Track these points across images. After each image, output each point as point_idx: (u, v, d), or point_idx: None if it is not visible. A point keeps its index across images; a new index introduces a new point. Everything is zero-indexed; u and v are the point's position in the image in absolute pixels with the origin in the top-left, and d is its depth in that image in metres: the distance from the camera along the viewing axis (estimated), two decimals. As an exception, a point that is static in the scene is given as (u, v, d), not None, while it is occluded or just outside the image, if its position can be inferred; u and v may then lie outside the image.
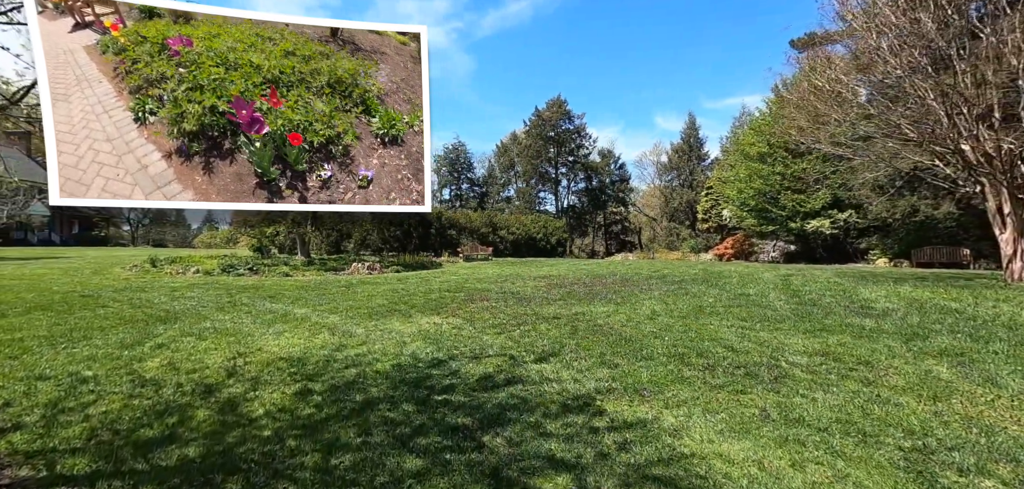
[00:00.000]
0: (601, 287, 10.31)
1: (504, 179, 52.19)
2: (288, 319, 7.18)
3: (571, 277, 12.84)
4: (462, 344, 5.46)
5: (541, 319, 6.86)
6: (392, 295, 9.69)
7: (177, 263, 17.56)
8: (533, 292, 9.72)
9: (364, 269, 16.22)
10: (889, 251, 22.25)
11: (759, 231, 26.22)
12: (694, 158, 47.20)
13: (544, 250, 31.54)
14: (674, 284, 10.54)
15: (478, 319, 6.92)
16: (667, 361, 4.70)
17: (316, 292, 10.32)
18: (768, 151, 25.27)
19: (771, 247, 33.39)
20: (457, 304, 8.34)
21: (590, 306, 7.90)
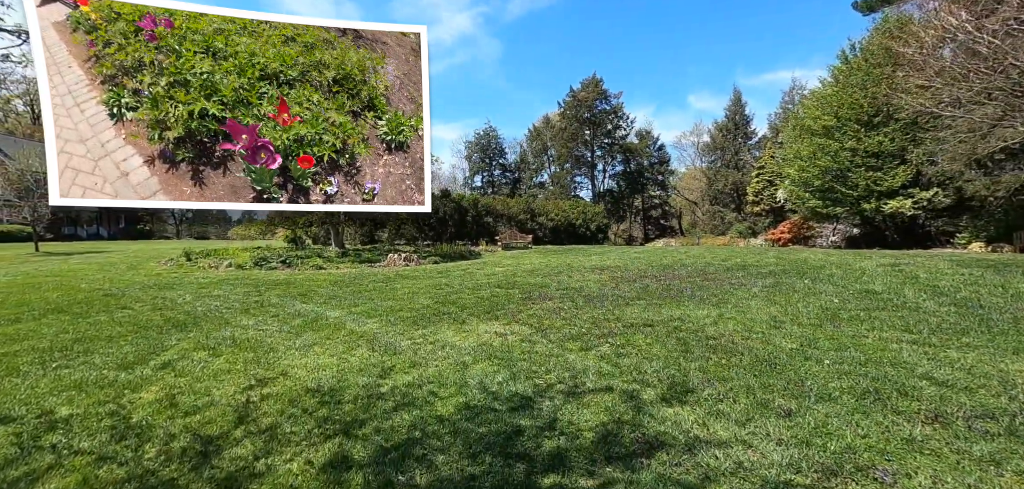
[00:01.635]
0: (678, 281, 8.75)
1: (537, 164, 50.54)
2: (319, 325, 5.99)
3: (632, 268, 11.30)
4: (542, 367, 4.09)
5: (630, 327, 5.42)
6: (436, 292, 8.43)
7: (212, 256, 17.00)
8: (599, 289, 8.27)
9: (400, 261, 15.12)
10: (982, 233, 19.60)
11: (824, 213, 23.76)
12: (740, 136, 44.22)
13: (584, 237, 29.91)
14: (764, 277, 8.88)
15: (550, 327, 5.54)
16: (857, 403, 3.20)
17: (351, 289, 9.18)
18: (836, 124, 22.76)
19: (831, 231, 30.80)
20: (515, 305, 6.99)
21: (681, 308, 6.40)
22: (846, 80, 22.95)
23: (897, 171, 20.57)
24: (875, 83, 21.63)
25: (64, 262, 16.10)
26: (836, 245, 28.65)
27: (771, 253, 15.62)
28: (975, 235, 20.04)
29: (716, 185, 43.60)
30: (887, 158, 21.17)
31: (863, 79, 22.12)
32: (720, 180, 43.22)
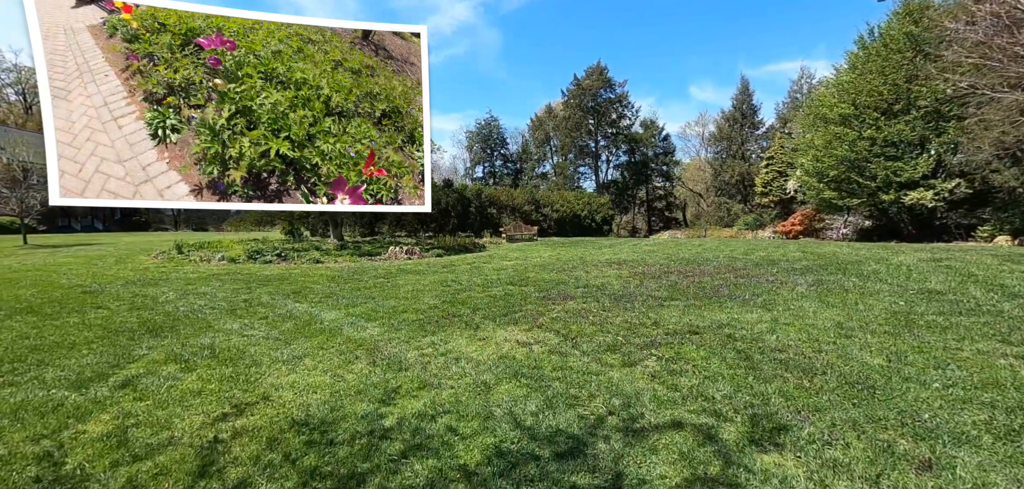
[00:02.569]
0: (707, 277, 7.99)
1: (539, 155, 49.59)
2: (313, 330, 5.23)
3: (652, 263, 10.53)
4: (583, 390, 3.34)
5: (674, 334, 4.66)
6: (442, 290, 7.67)
7: (205, 249, 16.25)
8: (624, 286, 7.50)
9: (402, 254, 14.34)
10: (1006, 226, 18.83)
11: (839, 204, 22.95)
12: (747, 127, 43.30)
13: (589, 229, 29.11)
14: (801, 273, 8.12)
15: (580, 334, 4.78)
16: (1007, 447, 2.45)
17: (350, 285, 8.42)
18: (854, 112, 21.90)
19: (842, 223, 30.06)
20: (534, 306, 6.22)
21: (725, 310, 5.63)
22: (864, 67, 22.07)
23: (918, 161, 19.74)
24: (895, 69, 20.78)
25: (51, 255, 15.39)
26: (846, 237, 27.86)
27: (791, 246, 14.86)
28: (998, 228, 19.26)
29: (722, 176, 42.71)
30: (907, 148, 20.35)
31: (882, 65, 21.25)
32: (727, 171, 42.32)
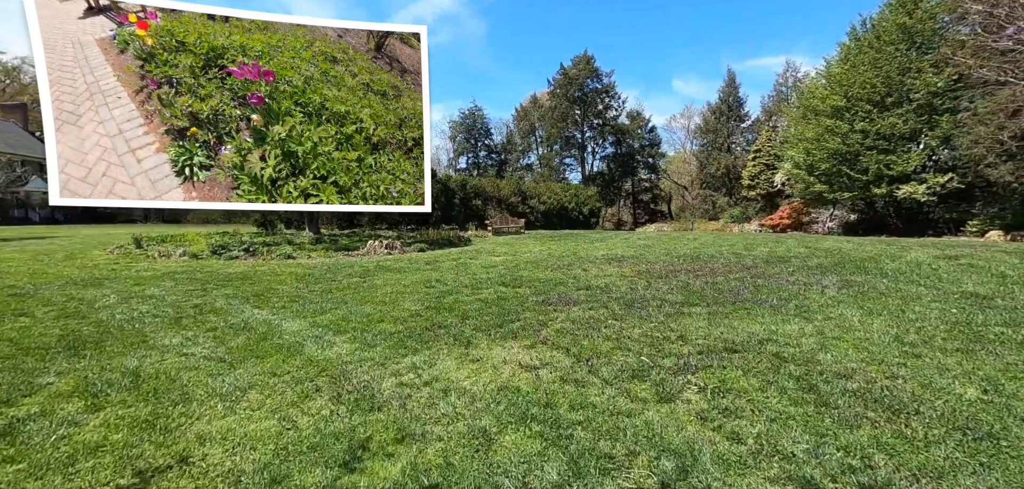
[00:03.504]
0: (720, 277, 7.25)
1: (524, 146, 48.67)
2: (268, 348, 4.27)
3: (654, 259, 9.78)
4: (618, 444, 2.49)
5: (709, 353, 3.85)
6: (426, 292, 6.76)
7: (167, 243, 14.97)
8: (630, 288, 6.70)
9: (382, 249, 13.32)
10: (996, 221, 18.70)
11: (830, 198, 22.64)
12: (733, 120, 43.08)
13: (576, 221, 28.40)
14: (821, 272, 7.45)
15: (594, 353, 3.94)
16: None
17: (321, 286, 7.44)
18: (846, 105, 21.55)
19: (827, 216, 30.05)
20: (532, 313, 5.36)
21: (756, 319, 4.86)
22: (856, 58, 21.70)
23: (911, 155, 19.47)
24: (888, 61, 20.46)
25: (-10, 249, 13.89)
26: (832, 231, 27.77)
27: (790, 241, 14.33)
28: (986, 223, 19.13)
29: (708, 169, 42.45)
30: (899, 141, 20.08)
31: (875, 57, 20.92)
32: (713, 164, 42.07)
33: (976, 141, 16.95)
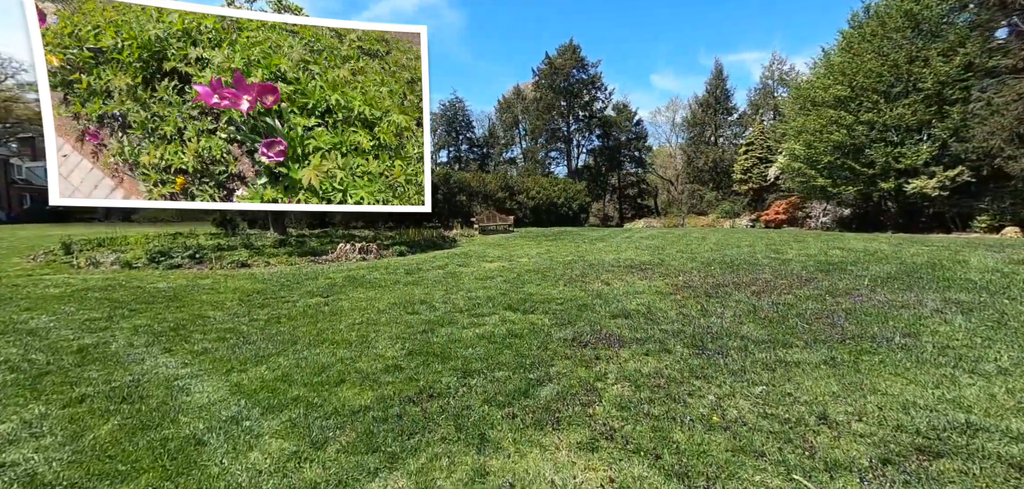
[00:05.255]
0: (788, 296, 5.72)
1: (507, 139, 46.90)
2: (143, 451, 2.48)
3: (678, 266, 8.22)
4: None
5: (898, 464, 2.27)
6: (408, 322, 5.01)
7: (102, 247, 12.88)
8: (679, 314, 5.08)
9: (355, 253, 11.45)
10: (1007, 216, 17.86)
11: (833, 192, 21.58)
12: (721, 113, 42.18)
13: (566, 217, 26.85)
14: (902, 286, 6.01)
15: (697, 455, 2.31)
16: None
17: (267, 313, 5.62)
18: (850, 95, 20.48)
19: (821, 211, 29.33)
20: (565, 362, 3.70)
21: (901, 372, 3.30)
22: (860, 46, 20.64)
23: (920, 147, 18.49)
24: (895, 49, 19.45)
25: None
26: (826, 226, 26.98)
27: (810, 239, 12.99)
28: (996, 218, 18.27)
29: (696, 162, 41.51)
30: (907, 132, 19.10)
31: (880, 45, 19.89)
32: (700, 157, 41.13)
33: (992, 132, 16.00)
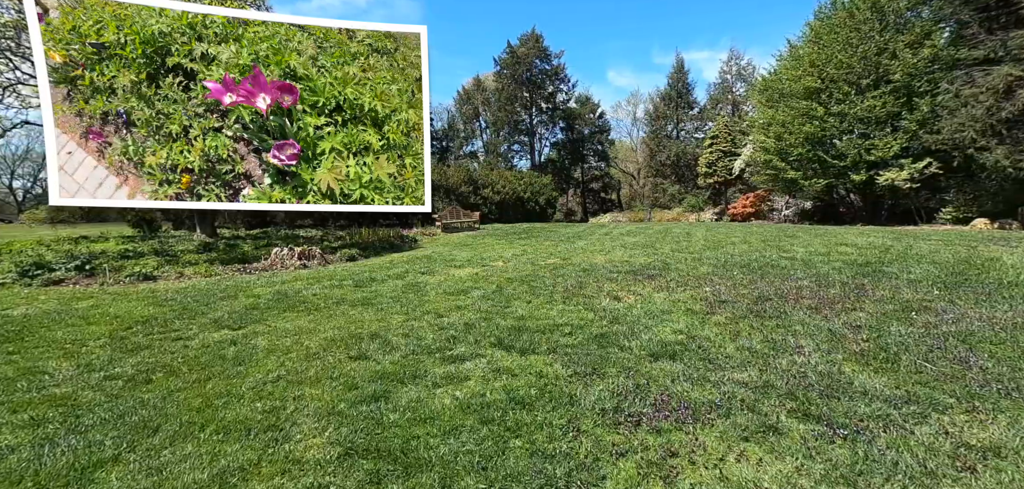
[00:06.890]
0: (857, 313, 4.45)
1: (467, 132, 45.00)
2: None
3: (685, 270, 6.89)
4: None
5: None
6: (346, 381, 3.32)
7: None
8: (738, 349, 3.69)
9: (294, 259, 9.47)
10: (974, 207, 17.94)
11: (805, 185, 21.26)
12: (683, 106, 42.10)
13: (533, 212, 25.46)
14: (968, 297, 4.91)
15: None
16: None
17: (138, 361, 3.74)
18: (821, 86, 20.17)
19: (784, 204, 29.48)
20: (612, 455, 2.18)
21: None
22: (828, 38, 20.35)
23: (890, 139, 18.32)
24: (863, 41, 19.23)
25: None
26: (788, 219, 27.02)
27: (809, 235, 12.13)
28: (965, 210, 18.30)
29: (658, 156, 41.22)
30: (877, 124, 18.93)
31: (848, 36, 19.64)
32: (663, 151, 40.87)
33: (964, 124, 15.87)
